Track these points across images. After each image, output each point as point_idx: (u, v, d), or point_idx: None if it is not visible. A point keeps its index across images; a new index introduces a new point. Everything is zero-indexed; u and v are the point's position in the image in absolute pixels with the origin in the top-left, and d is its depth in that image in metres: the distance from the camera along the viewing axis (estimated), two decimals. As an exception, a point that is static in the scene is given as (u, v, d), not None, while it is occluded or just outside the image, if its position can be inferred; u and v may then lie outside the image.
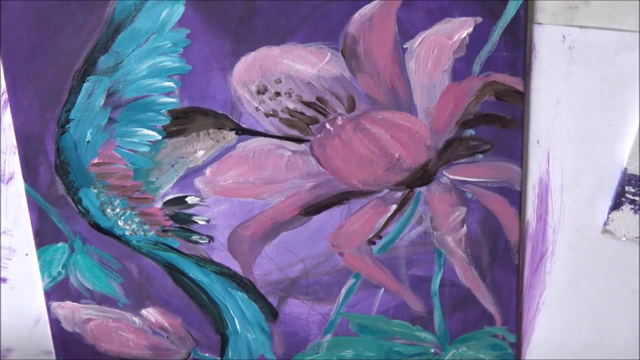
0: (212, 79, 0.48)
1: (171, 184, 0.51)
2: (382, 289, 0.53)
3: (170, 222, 0.52)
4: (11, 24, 0.48)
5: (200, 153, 0.50)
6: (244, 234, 0.52)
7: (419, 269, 0.52)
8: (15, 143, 0.51)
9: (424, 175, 0.50)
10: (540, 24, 0.46)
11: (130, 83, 0.49)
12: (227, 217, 0.51)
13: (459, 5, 0.46)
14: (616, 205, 0.49)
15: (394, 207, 0.51)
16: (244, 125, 0.49)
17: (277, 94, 0.48)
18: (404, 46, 0.47)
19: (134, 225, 0.52)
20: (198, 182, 0.51)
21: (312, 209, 0.51)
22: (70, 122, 0.50)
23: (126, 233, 0.53)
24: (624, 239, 0.50)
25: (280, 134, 0.49)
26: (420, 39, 0.47)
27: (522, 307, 0.53)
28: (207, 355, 0.56)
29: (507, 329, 0.53)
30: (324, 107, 0.48)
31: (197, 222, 0.52)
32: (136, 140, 0.50)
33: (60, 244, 0.54)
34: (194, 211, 0.52)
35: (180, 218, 0.52)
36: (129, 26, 0.47)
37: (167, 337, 0.56)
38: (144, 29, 0.47)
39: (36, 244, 0.54)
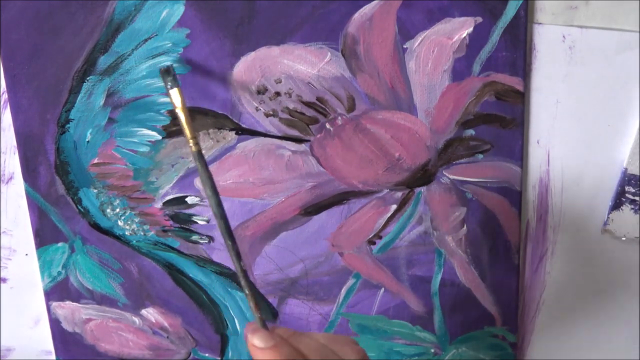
0: (212, 79, 0.48)
1: (171, 184, 0.51)
2: (382, 289, 0.53)
3: (170, 222, 0.52)
4: (11, 24, 0.48)
5: (200, 153, 0.50)
6: (244, 234, 0.52)
7: (419, 269, 0.52)
8: (15, 143, 0.51)
9: (424, 175, 0.50)
10: (540, 24, 0.46)
11: (130, 83, 0.49)
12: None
13: (459, 5, 0.46)
14: (616, 205, 0.49)
15: (394, 207, 0.51)
16: (244, 125, 0.49)
17: (277, 94, 0.48)
18: (404, 46, 0.47)
19: (134, 225, 0.52)
20: (198, 182, 0.51)
21: (312, 209, 0.51)
22: (70, 122, 0.50)
23: (126, 233, 0.53)
24: (624, 239, 0.50)
25: (280, 134, 0.49)
26: (420, 39, 0.47)
27: (522, 307, 0.53)
28: (207, 355, 0.56)
29: (507, 329, 0.53)
30: (324, 107, 0.48)
31: (197, 222, 0.52)
32: (136, 140, 0.50)
33: (60, 244, 0.54)
34: (194, 211, 0.52)
35: (180, 218, 0.52)
36: (129, 26, 0.47)
37: (167, 337, 0.56)
38: (144, 29, 0.47)
39: (36, 244, 0.54)
